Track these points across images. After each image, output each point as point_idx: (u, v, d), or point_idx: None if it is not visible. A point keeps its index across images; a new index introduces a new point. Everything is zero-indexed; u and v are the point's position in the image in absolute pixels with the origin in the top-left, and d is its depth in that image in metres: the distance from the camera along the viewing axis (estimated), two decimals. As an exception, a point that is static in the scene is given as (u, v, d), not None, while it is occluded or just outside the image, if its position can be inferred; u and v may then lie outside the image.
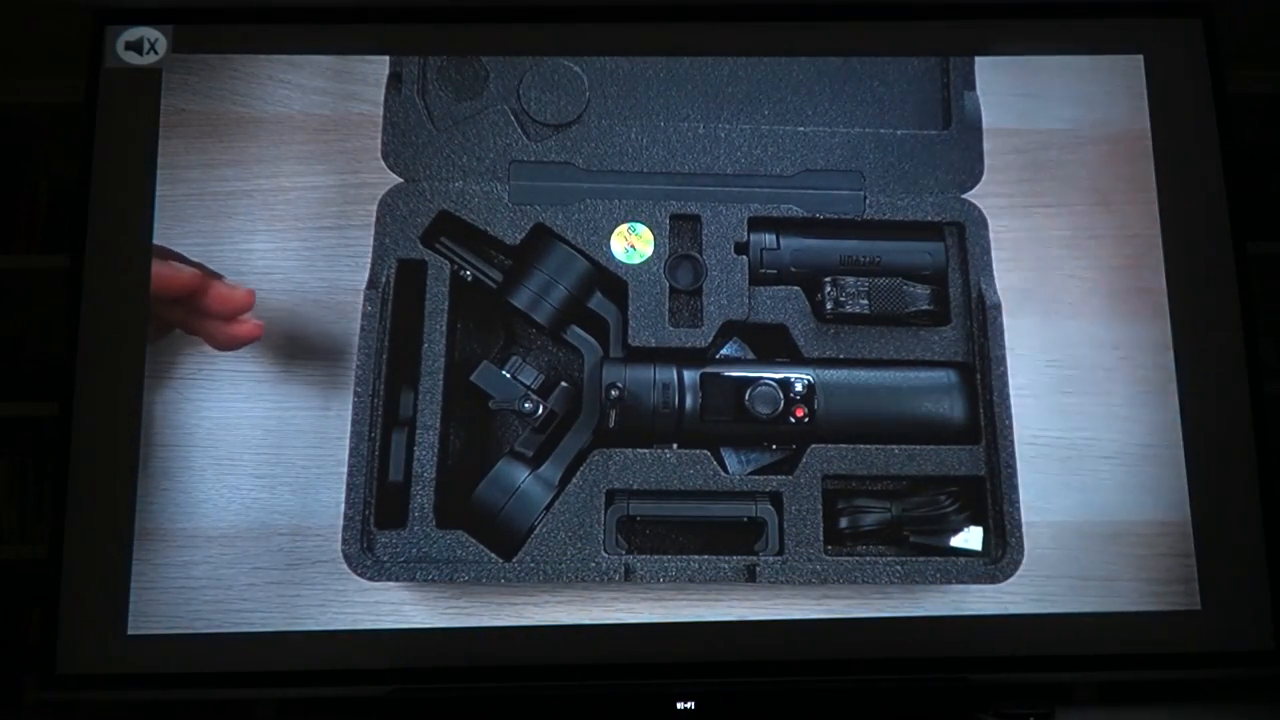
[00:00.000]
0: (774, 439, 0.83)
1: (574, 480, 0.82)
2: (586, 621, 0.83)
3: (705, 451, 0.82)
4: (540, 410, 0.81)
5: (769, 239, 0.86)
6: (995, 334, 0.84)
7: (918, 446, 0.83)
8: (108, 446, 0.86)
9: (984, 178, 0.88)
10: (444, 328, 0.83)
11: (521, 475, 0.81)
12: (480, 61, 0.90)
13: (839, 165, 0.88)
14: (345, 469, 0.81)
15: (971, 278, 0.86)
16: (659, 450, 0.82)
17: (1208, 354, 0.89)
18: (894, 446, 0.83)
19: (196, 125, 0.90)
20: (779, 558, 0.82)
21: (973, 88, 0.91)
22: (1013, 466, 0.82)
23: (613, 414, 0.81)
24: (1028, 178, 0.90)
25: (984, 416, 0.83)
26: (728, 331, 0.85)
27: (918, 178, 0.88)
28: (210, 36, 0.93)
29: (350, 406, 0.83)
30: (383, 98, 0.89)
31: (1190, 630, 0.85)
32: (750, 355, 0.86)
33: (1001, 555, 0.82)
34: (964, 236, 0.87)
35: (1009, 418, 0.83)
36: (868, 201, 0.87)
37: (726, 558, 0.82)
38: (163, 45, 0.92)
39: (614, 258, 0.85)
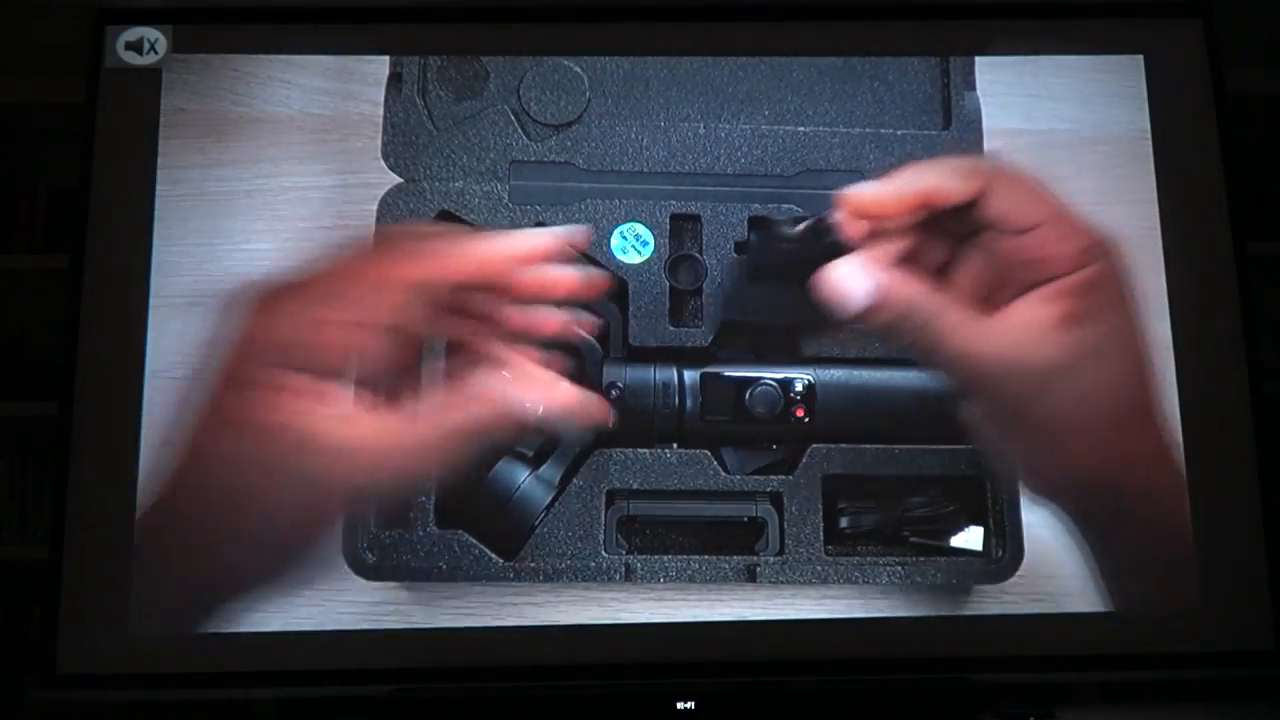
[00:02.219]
0: (774, 439, 0.83)
1: (574, 480, 0.82)
2: (586, 621, 0.83)
3: (705, 451, 0.82)
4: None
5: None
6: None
7: (918, 446, 0.83)
8: (108, 447, 0.86)
9: (984, 178, 0.88)
10: (444, 327, 0.83)
11: (521, 475, 0.81)
12: (480, 61, 0.90)
13: (839, 165, 0.88)
14: (345, 469, 0.81)
15: (972, 278, 0.85)
16: (659, 450, 0.82)
17: (1208, 354, 0.89)
18: (894, 446, 0.83)
19: (196, 125, 0.90)
20: (779, 558, 0.82)
21: (973, 88, 0.91)
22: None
23: (613, 414, 0.80)
24: (1028, 178, 0.90)
25: (984, 416, 0.83)
26: (728, 331, 0.85)
27: (918, 178, 0.88)
28: (210, 36, 0.93)
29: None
30: (383, 98, 0.89)
31: (1190, 630, 0.85)
32: (750, 355, 0.85)
33: (1001, 555, 0.82)
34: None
35: (1009, 417, 0.83)
36: (868, 201, 0.87)
37: (726, 558, 0.82)
38: (163, 45, 0.92)
39: (614, 257, 0.85)
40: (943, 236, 0.61)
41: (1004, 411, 0.59)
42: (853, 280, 0.55)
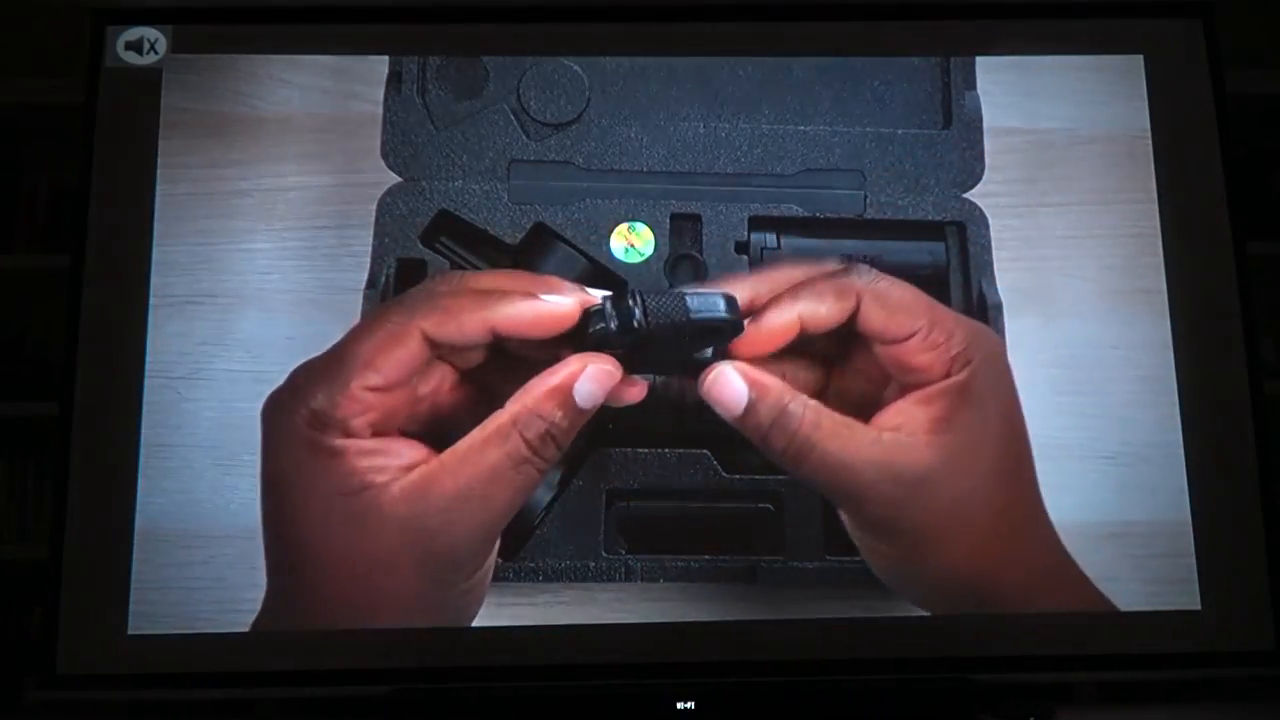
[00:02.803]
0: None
1: (574, 480, 0.82)
2: (586, 621, 0.83)
3: (705, 451, 0.82)
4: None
5: (770, 238, 0.86)
6: (996, 334, 0.84)
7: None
8: (108, 446, 0.86)
9: (984, 177, 0.88)
10: (444, 327, 0.83)
11: (521, 475, 0.81)
12: (480, 61, 0.90)
13: (839, 165, 0.88)
14: (345, 469, 0.81)
15: (972, 277, 0.86)
16: (659, 450, 0.82)
17: (1208, 354, 0.89)
18: (894, 446, 0.82)
19: (197, 125, 0.90)
20: (779, 558, 0.82)
21: (973, 87, 0.91)
22: (1013, 466, 0.82)
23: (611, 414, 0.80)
24: (1028, 177, 0.90)
25: (984, 416, 0.83)
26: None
27: (918, 177, 0.88)
28: (210, 36, 0.93)
29: (350, 406, 0.83)
30: (383, 97, 0.89)
31: (1190, 630, 0.85)
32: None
33: (1002, 555, 0.82)
34: (965, 236, 0.87)
35: (1009, 417, 0.83)
36: (868, 201, 0.87)
37: (726, 558, 0.82)
38: (163, 45, 0.92)
39: (614, 257, 0.85)
40: (815, 346, 0.60)
41: (878, 518, 0.57)
42: (731, 383, 0.55)
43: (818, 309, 0.56)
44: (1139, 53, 0.94)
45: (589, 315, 0.54)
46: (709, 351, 0.56)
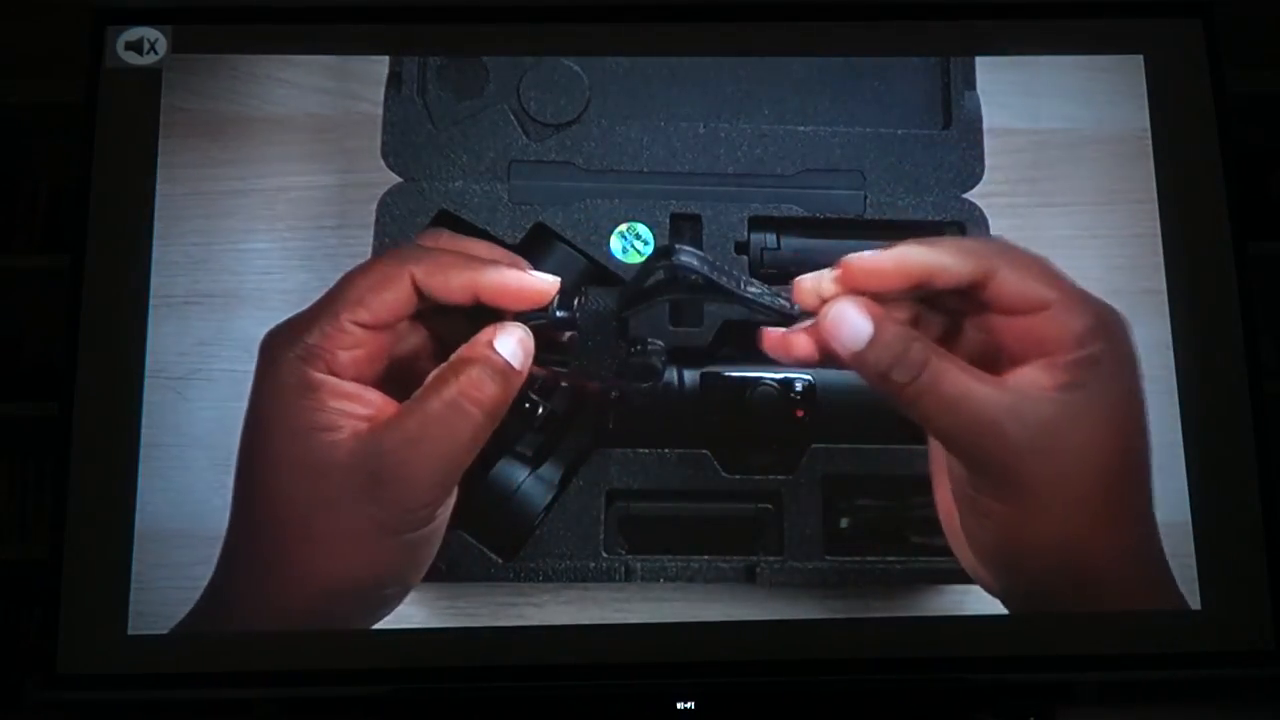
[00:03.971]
0: (774, 439, 0.83)
1: (574, 480, 0.82)
2: (586, 621, 0.83)
3: (705, 451, 0.82)
4: (540, 410, 0.81)
5: (770, 239, 0.86)
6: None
7: (918, 446, 0.83)
8: (108, 446, 0.86)
9: (984, 177, 0.88)
10: (444, 327, 0.83)
11: (521, 475, 0.81)
12: (480, 61, 0.90)
13: (839, 165, 0.88)
14: (345, 469, 0.81)
15: (972, 277, 0.85)
16: (659, 450, 0.82)
17: (1208, 354, 0.89)
18: (894, 446, 0.83)
19: (196, 125, 0.90)
20: (779, 558, 0.82)
21: (973, 87, 0.91)
22: (1013, 466, 0.82)
23: (612, 414, 0.80)
24: (1028, 177, 0.90)
25: (984, 416, 0.83)
26: (728, 331, 0.85)
27: (918, 177, 0.88)
28: (210, 36, 0.93)
29: (350, 406, 0.83)
30: (383, 97, 0.89)
31: (1190, 630, 0.85)
32: (750, 355, 0.85)
33: (1002, 555, 0.82)
34: (965, 236, 0.87)
35: (1009, 417, 0.83)
36: (868, 201, 0.87)
37: (726, 558, 0.82)
38: (163, 45, 0.92)
39: (614, 257, 0.85)
40: (939, 312, 0.59)
41: (1000, 464, 0.54)
42: (854, 317, 0.54)
43: (947, 262, 0.55)
44: (1139, 53, 0.94)
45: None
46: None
